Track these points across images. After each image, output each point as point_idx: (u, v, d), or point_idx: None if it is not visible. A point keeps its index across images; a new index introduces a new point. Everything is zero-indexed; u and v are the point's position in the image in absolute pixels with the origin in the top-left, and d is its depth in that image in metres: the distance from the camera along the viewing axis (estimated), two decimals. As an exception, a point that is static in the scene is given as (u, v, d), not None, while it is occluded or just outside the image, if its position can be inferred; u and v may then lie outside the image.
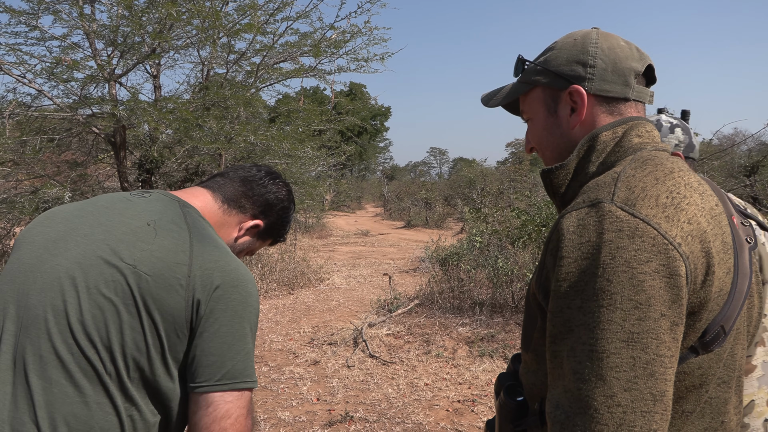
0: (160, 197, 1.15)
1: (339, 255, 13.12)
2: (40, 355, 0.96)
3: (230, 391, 1.02)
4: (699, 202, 0.78)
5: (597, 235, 0.73)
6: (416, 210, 24.49)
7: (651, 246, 0.71)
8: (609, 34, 0.95)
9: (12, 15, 4.54)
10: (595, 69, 0.92)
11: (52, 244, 1.05)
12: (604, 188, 0.79)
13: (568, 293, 0.74)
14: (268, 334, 5.99)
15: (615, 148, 0.89)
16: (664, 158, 0.84)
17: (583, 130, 0.95)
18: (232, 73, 5.79)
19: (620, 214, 0.73)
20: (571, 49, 0.95)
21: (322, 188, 8.84)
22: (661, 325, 0.69)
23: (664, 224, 0.73)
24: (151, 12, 4.49)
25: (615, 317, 0.69)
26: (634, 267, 0.70)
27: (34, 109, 4.96)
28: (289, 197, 1.38)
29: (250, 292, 1.08)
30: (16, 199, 4.82)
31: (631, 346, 0.69)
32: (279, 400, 4.16)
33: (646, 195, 0.76)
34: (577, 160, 0.92)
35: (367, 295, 7.99)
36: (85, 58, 4.91)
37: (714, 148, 14.23)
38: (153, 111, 4.52)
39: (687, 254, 0.72)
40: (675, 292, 0.70)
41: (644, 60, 0.93)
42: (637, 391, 0.68)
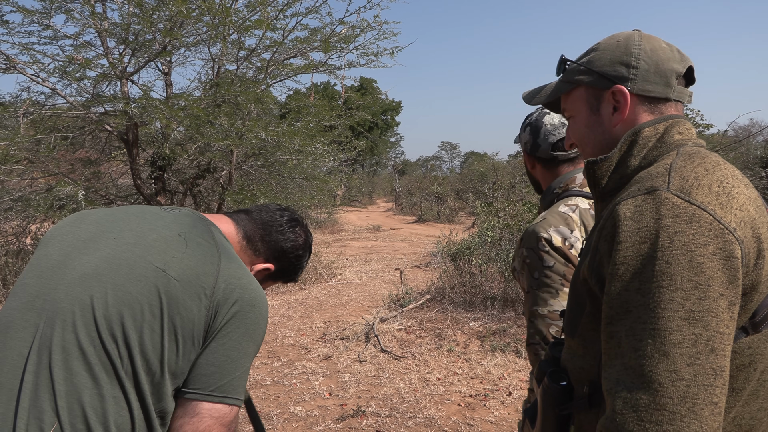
0: (189, 214, 1.20)
1: (350, 250, 13.14)
2: (63, 346, 0.99)
3: (220, 404, 1.05)
4: (745, 191, 0.84)
5: (654, 221, 0.78)
6: (427, 205, 24.45)
7: (708, 230, 0.76)
8: (651, 36, 0.99)
9: (25, 15, 4.58)
10: (638, 70, 0.97)
11: (82, 244, 1.09)
12: (658, 177, 0.84)
13: (626, 275, 0.78)
14: (280, 329, 6.03)
15: (657, 144, 0.94)
16: (707, 153, 0.89)
17: (624, 128, 0.99)
18: (243, 69, 5.80)
19: (677, 201, 0.78)
20: (614, 50, 1.00)
21: (333, 184, 8.85)
22: (720, 304, 0.74)
23: (719, 210, 0.78)
24: (161, 10, 4.52)
25: (676, 297, 0.74)
26: (692, 250, 0.75)
27: (48, 108, 5.01)
28: (306, 245, 1.41)
29: (263, 315, 1.12)
30: (31, 197, 4.87)
31: (693, 324, 0.73)
32: (291, 395, 4.19)
33: (700, 184, 0.80)
34: (620, 154, 0.97)
35: (379, 290, 8.01)
36: (97, 56, 4.95)
37: (729, 140, 14.06)
38: (165, 108, 4.55)
39: (741, 238, 0.77)
40: (732, 273, 0.75)
41: (685, 62, 0.97)
42: (699, 365, 0.72)
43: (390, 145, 57.88)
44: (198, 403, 1.03)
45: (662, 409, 0.72)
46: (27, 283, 1.05)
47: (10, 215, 5.19)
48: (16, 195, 5.00)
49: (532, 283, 1.38)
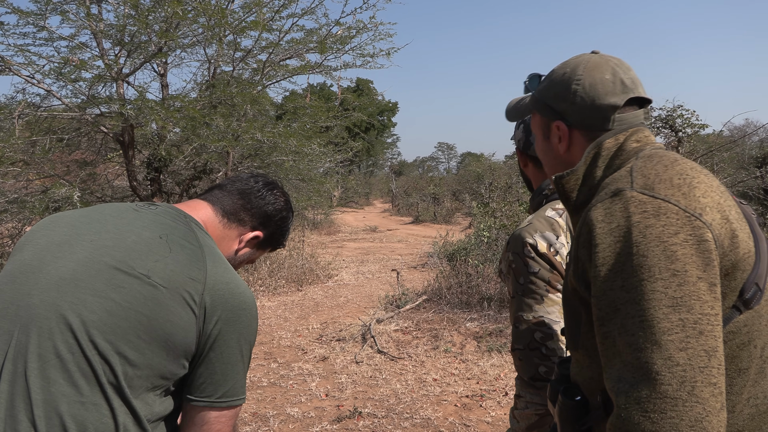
0: (168, 210, 1.16)
1: (347, 251, 13.14)
2: (40, 353, 0.95)
3: (227, 410, 1.07)
4: (706, 180, 0.87)
5: (625, 219, 0.82)
6: (424, 205, 24.47)
7: (676, 219, 0.80)
8: (597, 66, 1.02)
9: (20, 16, 4.57)
10: (576, 106, 1.02)
11: (56, 247, 1.05)
12: (622, 180, 0.88)
13: (608, 276, 0.81)
14: (276, 330, 6.02)
15: (618, 153, 0.98)
16: (665, 152, 0.94)
17: (571, 155, 1.06)
18: (239, 70, 5.80)
19: (642, 198, 0.83)
20: (559, 84, 1.06)
21: (329, 185, 8.85)
22: (700, 287, 0.76)
23: (683, 200, 0.82)
24: (157, 11, 4.51)
25: (657, 287, 0.77)
26: (665, 240, 0.78)
27: (43, 110, 5.00)
28: (287, 206, 1.39)
29: (254, 315, 1.13)
30: (27, 198, 4.86)
31: (678, 309, 0.75)
32: (288, 396, 4.19)
33: (661, 179, 0.85)
34: (585, 167, 1.01)
35: (376, 291, 8.01)
36: (93, 57, 4.94)
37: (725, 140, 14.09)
38: (160, 110, 4.54)
39: (709, 222, 0.80)
40: (706, 255, 0.78)
41: (627, 93, 1.00)
42: (691, 349, 0.74)
43: (386, 146, 57.86)
44: (207, 412, 1.06)
45: (664, 397, 0.73)
46: (1, 290, 1.02)
47: (6, 217, 5.17)
48: (12, 197, 4.99)
49: (517, 289, 1.38)
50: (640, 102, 1.04)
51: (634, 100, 1.03)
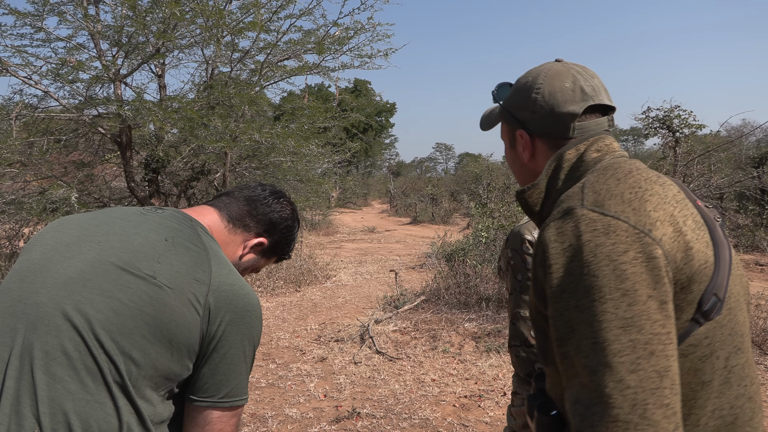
0: (174, 214, 1.18)
1: (345, 252, 13.14)
2: (46, 350, 0.97)
3: (229, 410, 1.08)
4: (661, 191, 0.86)
5: (576, 238, 0.81)
6: (422, 206, 24.48)
7: (626, 237, 0.79)
8: (558, 74, 1.02)
9: (17, 17, 4.56)
10: (536, 115, 1.03)
11: (65, 248, 1.07)
12: (573, 197, 0.87)
13: (562, 296, 0.80)
14: (275, 331, 6.02)
15: (578, 164, 0.98)
16: (622, 162, 0.94)
17: (536, 163, 1.06)
18: (237, 71, 5.80)
19: (592, 216, 0.82)
20: (521, 93, 1.06)
21: (327, 185, 8.84)
22: (650, 306, 0.76)
23: (632, 216, 0.81)
24: (154, 12, 4.51)
25: (608, 307, 0.76)
26: (614, 259, 0.77)
27: (41, 111, 5.00)
28: (293, 216, 1.40)
29: (258, 316, 1.13)
30: (24, 200, 4.85)
31: (628, 330, 0.74)
32: (286, 397, 4.19)
33: (612, 194, 0.84)
34: (546, 179, 1.01)
35: (374, 291, 8.01)
36: (90, 58, 4.94)
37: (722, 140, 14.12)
38: (158, 110, 4.54)
39: (659, 237, 0.79)
40: (656, 273, 0.77)
41: (586, 101, 0.99)
42: (642, 371, 0.73)
43: (384, 147, 57.89)
44: (210, 411, 1.06)
45: (615, 421, 0.72)
46: (9, 288, 1.04)
47: (3, 218, 5.16)
48: (9, 198, 4.98)
49: (515, 285, 1.39)
50: (604, 109, 1.04)
51: (597, 108, 1.02)
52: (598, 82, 1.03)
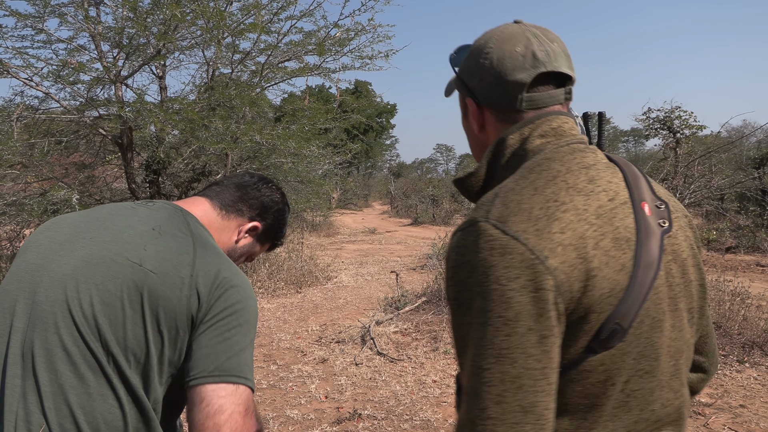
0: (164, 206, 1.20)
1: (346, 253, 13.14)
2: (47, 348, 0.99)
3: (223, 384, 1.01)
4: (581, 204, 0.78)
5: (474, 254, 0.75)
6: (423, 207, 24.49)
7: (519, 262, 0.73)
8: (510, 37, 0.91)
9: (18, 18, 4.57)
10: (483, 82, 0.92)
11: (59, 246, 1.09)
12: (482, 207, 0.80)
13: (457, 311, 0.77)
14: (276, 332, 6.02)
15: (520, 152, 0.90)
16: (557, 158, 0.85)
17: (487, 136, 0.97)
18: (237, 72, 5.80)
19: (493, 232, 0.75)
20: (471, 58, 0.95)
21: (328, 186, 8.85)
22: (529, 339, 0.72)
23: (532, 239, 0.74)
24: (155, 13, 4.51)
25: (488, 334, 0.73)
26: (503, 284, 0.72)
27: (42, 112, 5.00)
28: (284, 200, 1.43)
29: (248, 294, 1.12)
30: (25, 201, 4.86)
31: (501, 361, 0.72)
32: (287, 399, 4.18)
33: (520, 209, 0.77)
34: (485, 167, 0.93)
35: (375, 292, 8.01)
36: (91, 60, 4.95)
37: (723, 141, 14.12)
38: (159, 112, 4.54)
39: (554, 266, 0.73)
40: (541, 306, 0.72)
41: (537, 68, 0.87)
42: (506, 404, 0.71)
43: (385, 148, 57.96)
44: (201, 387, 1.01)
45: None
46: (7, 290, 1.06)
47: (4, 220, 5.17)
48: (10, 199, 4.99)
49: None
50: (561, 79, 0.91)
51: (552, 77, 0.90)
52: (558, 47, 0.91)
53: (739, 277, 7.29)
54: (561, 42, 0.92)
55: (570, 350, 0.77)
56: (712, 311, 5.22)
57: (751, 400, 3.91)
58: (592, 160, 0.86)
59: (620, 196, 0.82)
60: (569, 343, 0.76)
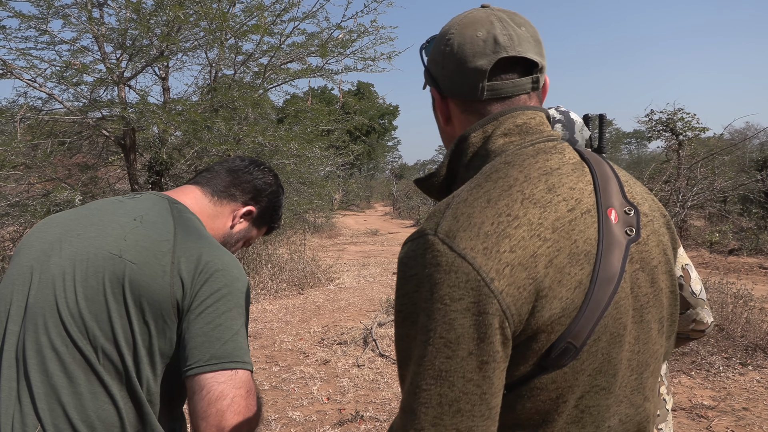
0: (150, 196, 1.20)
1: (348, 254, 13.14)
2: (38, 349, 1.00)
3: (221, 371, 1.00)
4: (536, 218, 0.73)
5: (421, 268, 0.72)
6: (425, 209, 24.48)
7: (465, 282, 0.69)
8: (473, 22, 0.85)
9: (22, 20, 4.58)
10: (445, 71, 0.86)
11: (49, 246, 1.09)
12: (433, 217, 0.76)
13: (403, 324, 0.74)
14: (278, 334, 6.02)
15: (481, 152, 0.84)
16: (518, 163, 0.79)
17: (453, 128, 0.91)
18: (240, 74, 5.81)
19: (441, 248, 0.71)
20: (436, 46, 0.89)
21: (330, 188, 8.85)
22: (469, 363, 0.69)
23: (479, 258, 0.70)
24: (158, 15, 4.52)
25: (428, 353, 0.70)
26: (447, 304, 0.69)
27: (45, 113, 5.01)
28: (277, 182, 1.40)
29: (236, 276, 1.09)
30: (28, 202, 4.86)
31: (440, 383, 0.69)
32: (289, 400, 4.18)
33: (470, 224, 0.72)
34: (446, 167, 0.88)
35: (377, 294, 8.00)
36: (95, 61, 4.95)
37: (725, 143, 14.10)
38: (162, 113, 4.55)
39: (500, 289, 0.69)
40: (483, 330, 0.69)
41: (498, 53, 0.81)
42: (442, 426, 0.69)
43: (387, 149, 57.94)
44: (199, 376, 1.00)
45: None
46: (2, 293, 1.07)
47: (7, 221, 5.17)
48: (13, 200, 4.99)
49: None
50: (528, 67, 0.84)
51: (517, 63, 0.83)
52: (526, 32, 0.84)
53: (742, 279, 7.27)
54: (531, 26, 0.86)
55: (519, 368, 0.74)
56: (716, 313, 5.21)
57: (754, 403, 3.89)
58: (557, 163, 0.80)
59: (583, 204, 0.77)
60: (518, 361, 0.73)
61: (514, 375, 0.74)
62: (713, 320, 1.67)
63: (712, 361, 4.61)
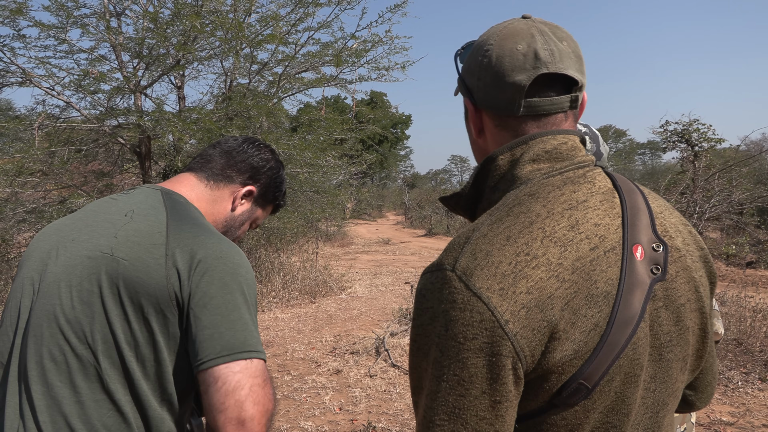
0: (144, 190, 1.16)
1: (360, 263, 13.12)
2: (38, 361, 0.99)
3: (235, 362, 0.97)
4: (556, 258, 0.72)
5: (437, 303, 0.72)
6: (437, 218, 24.43)
7: (479, 322, 0.69)
8: (513, 34, 0.82)
9: (42, 29, 4.65)
10: (480, 82, 0.84)
11: (46, 255, 1.08)
12: (452, 252, 0.75)
13: (417, 354, 0.74)
14: (290, 342, 6.00)
15: (508, 176, 0.82)
16: (542, 195, 0.77)
17: (485, 140, 0.89)
18: (255, 83, 5.85)
19: (457, 285, 0.71)
20: (472, 55, 0.87)
21: (343, 197, 8.86)
22: (482, 402, 0.69)
23: (495, 299, 0.69)
24: (175, 24, 4.57)
25: (441, 390, 0.70)
26: (461, 342, 0.69)
27: (63, 121, 5.07)
28: (274, 157, 1.36)
29: (238, 263, 1.05)
30: (45, 209, 4.91)
31: (453, 420, 0.70)
32: (301, 410, 4.16)
33: (488, 262, 0.71)
34: (470, 187, 0.87)
35: (389, 303, 7.97)
36: (112, 70, 5.01)
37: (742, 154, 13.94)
38: (177, 121, 4.58)
39: (515, 332, 0.68)
40: (496, 371, 0.69)
41: (537, 69, 0.78)
42: None
43: (400, 159, 58.05)
44: (212, 369, 0.96)
45: None
46: (10, 307, 1.07)
47: (24, 227, 5.23)
48: (30, 207, 5.04)
49: None
50: (568, 85, 0.81)
51: (557, 81, 0.80)
52: (567, 47, 0.81)
53: (760, 293, 7.16)
54: (572, 41, 0.83)
55: (530, 403, 0.73)
56: (734, 327, 5.12)
57: (775, 420, 3.81)
58: (585, 195, 0.78)
59: (607, 241, 0.75)
60: (529, 397, 0.73)
61: (526, 408, 0.74)
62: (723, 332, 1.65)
63: (731, 377, 4.52)
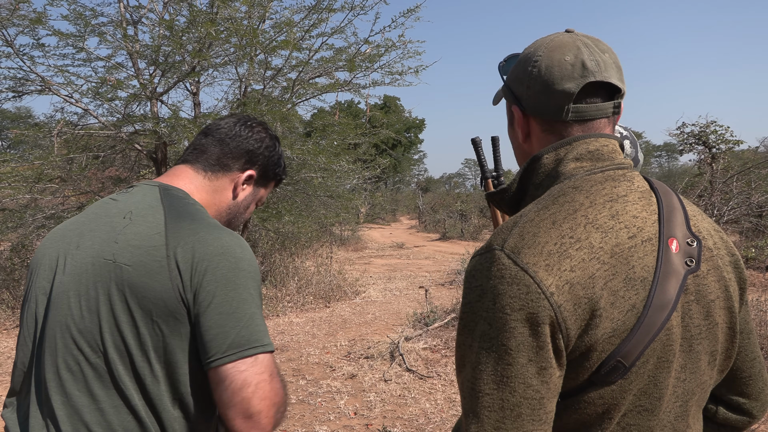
0: (142, 188, 1.15)
1: (374, 268, 13.12)
2: (55, 371, 1.00)
3: (241, 360, 0.97)
4: (597, 242, 0.78)
5: (485, 280, 0.77)
6: (451, 222, 24.36)
7: (525, 294, 0.74)
8: (560, 46, 0.89)
9: (60, 38, 4.72)
10: (531, 90, 0.91)
11: (54, 263, 1.09)
12: (500, 234, 0.81)
13: (464, 331, 0.79)
14: (305, 347, 6.02)
15: (552, 173, 0.89)
16: (585, 188, 0.83)
17: (531, 146, 0.96)
18: (269, 89, 5.88)
19: (506, 262, 0.76)
20: (519, 65, 0.94)
21: (357, 201, 8.88)
22: (529, 370, 0.74)
23: (541, 273, 0.75)
24: (191, 32, 4.62)
25: (490, 360, 0.75)
26: (508, 314, 0.74)
27: (81, 128, 5.14)
28: (268, 133, 1.33)
29: (240, 256, 1.04)
30: (63, 214, 4.98)
31: (502, 388, 0.74)
32: (316, 414, 4.16)
33: (535, 242, 0.77)
34: (517, 184, 0.93)
35: (404, 308, 7.96)
36: (129, 77, 5.07)
37: (761, 156, 13.76)
38: (193, 127, 4.62)
39: (559, 303, 0.74)
40: (542, 339, 0.74)
41: (585, 77, 0.85)
42: (504, 430, 0.74)
43: (413, 163, 58.04)
44: (219, 368, 0.97)
45: None
46: (26, 316, 1.08)
47: (43, 232, 5.30)
48: (49, 213, 5.12)
49: None
50: (610, 92, 0.89)
51: (601, 88, 0.88)
52: (609, 58, 0.88)
53: (781, 296, 7.03)
54: (612, 53, 0.90)
55: (571, 382, 0.78)
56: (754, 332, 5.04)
57: (797, 426, 3.74)
58: (624, 191, 0.84)
59: (644, 232, 0.81)
60: (570, 375, 0.78)
61: (566, 386, 0.79)
62: None
63: (752, 382, 4.45)
